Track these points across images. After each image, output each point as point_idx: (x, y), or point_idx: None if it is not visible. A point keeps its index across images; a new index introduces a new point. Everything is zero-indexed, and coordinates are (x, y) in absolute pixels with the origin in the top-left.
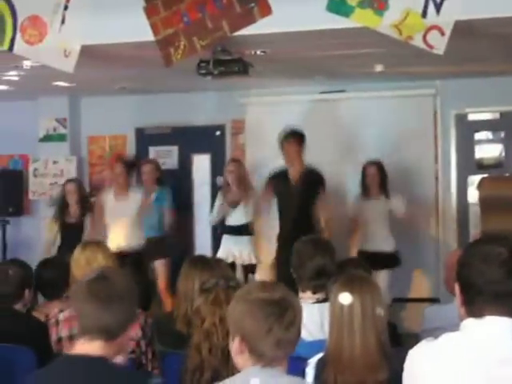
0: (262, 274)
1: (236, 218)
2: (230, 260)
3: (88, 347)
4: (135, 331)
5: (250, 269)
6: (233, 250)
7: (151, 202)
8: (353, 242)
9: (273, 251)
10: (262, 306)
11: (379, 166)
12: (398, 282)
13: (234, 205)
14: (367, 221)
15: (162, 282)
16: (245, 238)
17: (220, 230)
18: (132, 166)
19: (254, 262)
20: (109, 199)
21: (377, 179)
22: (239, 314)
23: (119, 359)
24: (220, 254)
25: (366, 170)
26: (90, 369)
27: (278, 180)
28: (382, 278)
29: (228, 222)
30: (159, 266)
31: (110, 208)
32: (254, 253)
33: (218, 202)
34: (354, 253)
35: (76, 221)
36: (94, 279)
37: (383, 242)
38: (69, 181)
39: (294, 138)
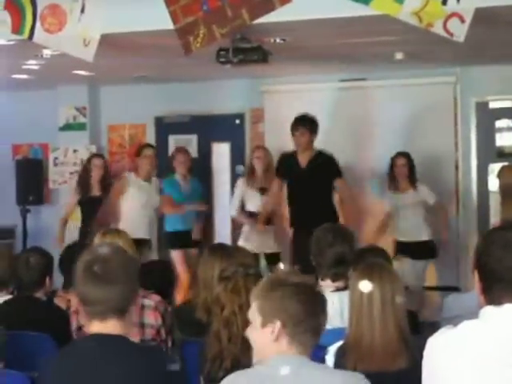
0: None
1: (257, 204)
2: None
3: (103, 327)
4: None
5: (273, 257)
6: (254, 237)
7: (184, 210)
8: (380, 233)
9: None
10: (305, 289)
11: (408, 158)
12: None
13: (261, 192)
14: (400, 213)
15: (180, 271)
16: (267, 227)
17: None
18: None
19: (275, 250)
20: (132, 183)
21: (405, 171)
22: (280, 298)
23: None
24: (241, 242)
25: (394, 162)
26: (114, 346)
27: (287, 164)
28: (419, 267)
29: (253, 209)
30: (176, 256)
31: (133, 193)
32: (276, 241)
33: (237, 191)
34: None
35: (100, 195)
36: (91, 262)
37: (419, 232)
38: (96, 155)
39: (304, 128)
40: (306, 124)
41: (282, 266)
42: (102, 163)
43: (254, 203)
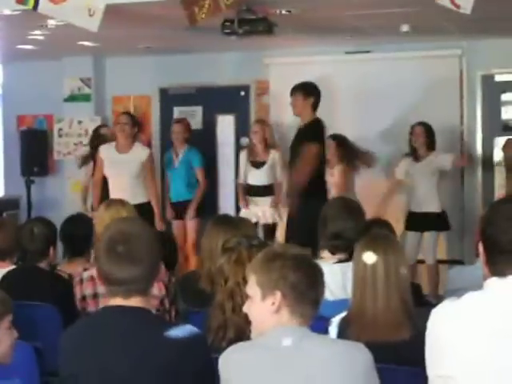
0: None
1: (259, 178)
2: (253, 220)
3: (127, 302)
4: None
5: (272, 228)
6: (255, 209)
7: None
8: (389, 202)
9: None
10: (305, 260)
11: (426, 127)
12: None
13: (258, 165)
14: (415, 183)
15: (190, 240)
16: (267, 199)
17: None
18: (137, 123)
19: (276, 220)
20: (108, 153)
21: (422, 139)
22: (279, 268)
23: None
24: (242, 214)
25: (413, 130)
26: (139, 318)
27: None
28: (428, 238)
29: (251, 182)
30: (190, 225)
31: (110, 163)
32: (276, 212)
33: (241, 162)
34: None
35: None
36: (114, 242)
37: (431, 203)
38: (102, 126)
39: (298, 91)
40: (299, 88)
41: (277, 236)
42: (109, 133)
43: (252, 177)
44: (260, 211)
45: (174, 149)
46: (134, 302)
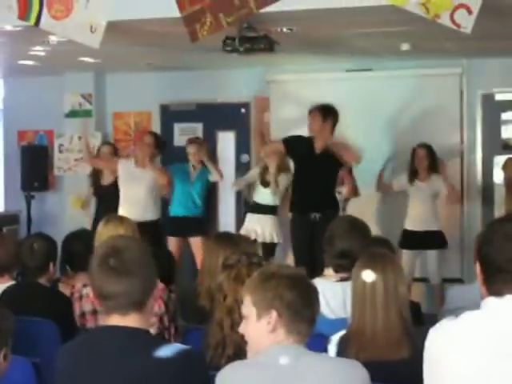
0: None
1: (265, 197)
2: (252, 237)
3: (124, 321)
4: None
5: (270, 248)
6: (256, 227)
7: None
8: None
9: None
10: (301, 279)
11: (428, 149)
12: (422, 262)
13: (267, 185)
14: (415, 203)
15: (198, 258)
16: (269, 217)
17: (245, 208)
18: (160, 144)
19: (275, 241)
20: (128, 165)
21: (425, 162)
22: (274, 288)
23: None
24: (242, 232)
25: (415, 152)
26: (135, 339)
27: (301, 144)
28: (430, 257)
29: (256, 200)
30: (197, 243)
31: (127, 174)
32: (276, 232)
33: (251, 173)
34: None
35: (112, 182)
36: (106, 255)
37: (432, 222)
38: (106, 143)
39: (317, 111)
40: (318, 109)
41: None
42: (111, 150)
43: (261, 196)
44: (260, 229)
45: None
46: (132, 319)
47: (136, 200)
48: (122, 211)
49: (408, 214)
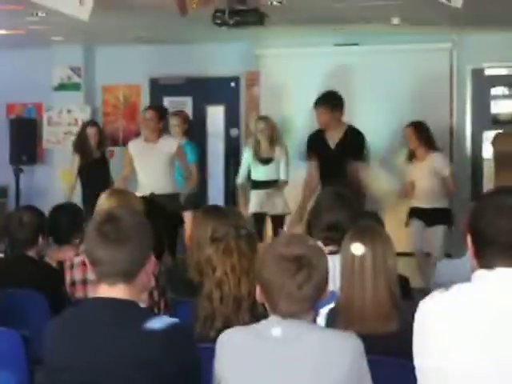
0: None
1: (266, 174)
2: (263, 210)
3: (112, 291)
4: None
5: (280, 220)
6: (265, 200)
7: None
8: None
9: None
10: (279, 261)
11: (415, 127)
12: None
13: (265, 162)
14: (417, 182)
15: (187, 232)
16: (273, 190)
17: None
18: (163, 115)
19: (287, 211)
20: (137, 146)
21: (415, 140)
22: (260, 264)
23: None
24: (253, 207)
25: (404, 133)
26: (122, 311)
27: (316, 144)
28: (435, 233)
29: (257, 178)
30: (187, 217)
31: (138, 154)
32: (284, 202)
33: (244, 160)
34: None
35: (98, 157)
36: (101, 222)
37: (435, 200)
38: (90, 124)
39: (322, 105)
40: (323, 102)
41: (284, 229)
42: (95, 131)
43: (258, 173)
44: (270, 202)
45: None
46: (119, 290)
47: (154, 176)
48: (139, 188)
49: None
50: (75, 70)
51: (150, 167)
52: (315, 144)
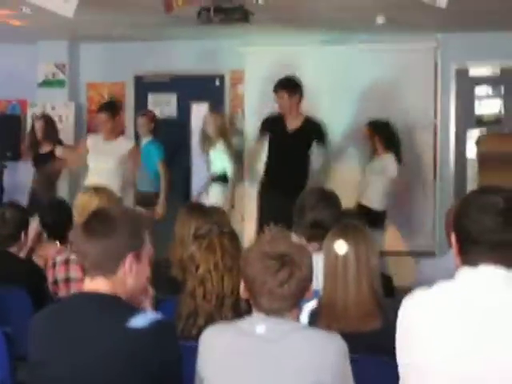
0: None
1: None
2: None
3: (93, 285)
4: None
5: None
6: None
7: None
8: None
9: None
10: (261, 258)
11: (370, 126)
12: (395, 235)
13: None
14: (366, 178)
15: None
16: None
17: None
18: (115, 111)
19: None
20: (96, 140)
21: (370, 140)
22: (244, 260)
23: (146, 304)
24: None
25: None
26: (105, 305)
27: (273, 124)
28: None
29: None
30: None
31: (96, 148)
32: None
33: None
34: None
35: (48, 151)
36: (88, 219)
37: (373, 200)
38: (37, 118)
39: (283, 90)
40: (284, 86)
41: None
42: (41, 124)
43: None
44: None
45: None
46: (100, 284)
47: (103, 174)
48: (88, 183)
49: (362, 189)
50: (60, 66)
51: (103, 166)
52: (273, 123)
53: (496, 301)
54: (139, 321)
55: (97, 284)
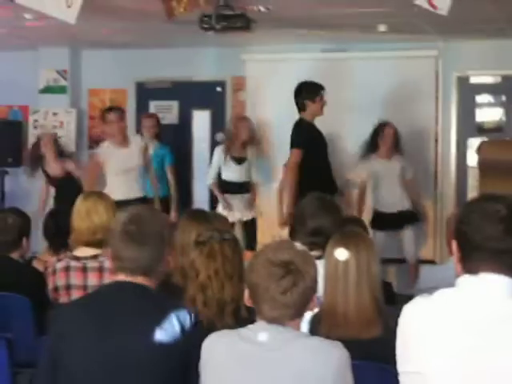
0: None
1: (238, 175)
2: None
3: (131, 280)
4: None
5: (252, 224)
6: (234, 208)
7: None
8: (361, 203)
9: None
10: (266, 265)
11: (395, 129)
12: (395, 243)
13: (238, 162)
14: (381, 182)
15: None
16: (245, 196)
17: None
18: (122, 111)
19: (254, 216)
20: (109, 150)
21: (392, 140)
22: (248, 267)
23: None
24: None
25: (382, 130)
26: (140, 293)
27: (315, 135)
28: (406, 236)
29: (229, 179)
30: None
31: (111, 159)
32: (252, 207)
33: (215, 158)
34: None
35: (60, 173)
36: (126, 222)
37: (401, 201)
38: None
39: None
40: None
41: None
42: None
43: (235, 173)
44: (239, 209)
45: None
46: (139, 279)
47: (131, 173)
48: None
49: (378, 194)
50: (61, 72)
51: (124, 174)
52: (313, 131)
53: (497, 308)
54: (182, 314)
55: (136, 279)
